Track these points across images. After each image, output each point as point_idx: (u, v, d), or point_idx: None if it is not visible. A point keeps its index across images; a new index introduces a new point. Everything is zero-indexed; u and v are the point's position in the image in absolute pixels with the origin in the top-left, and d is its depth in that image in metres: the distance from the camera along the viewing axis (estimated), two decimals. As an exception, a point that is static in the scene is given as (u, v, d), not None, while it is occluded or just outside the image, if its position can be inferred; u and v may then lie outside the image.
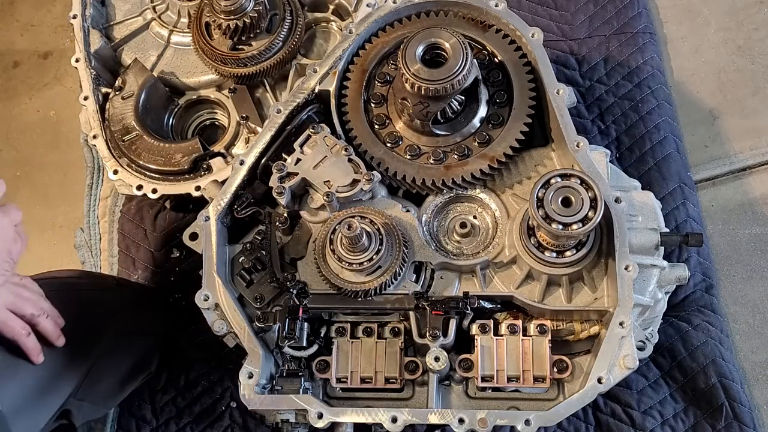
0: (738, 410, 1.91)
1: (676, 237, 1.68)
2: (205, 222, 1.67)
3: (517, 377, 1.60)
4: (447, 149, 1.70)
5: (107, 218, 2.33)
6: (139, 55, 2.10)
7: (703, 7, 2.43)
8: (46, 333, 1.51)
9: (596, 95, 2.28)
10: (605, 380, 1.51)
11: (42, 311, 1.50)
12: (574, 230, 1.48)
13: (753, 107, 2.29)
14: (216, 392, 2.11)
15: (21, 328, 1.45)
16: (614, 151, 2.20)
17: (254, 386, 1.56)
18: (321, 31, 2.12)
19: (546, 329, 1.62)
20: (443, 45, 1.59)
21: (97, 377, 1.72)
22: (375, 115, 1.75)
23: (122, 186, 2.02)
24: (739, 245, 2.15)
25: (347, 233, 1.52)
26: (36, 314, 1.48)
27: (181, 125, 2.16)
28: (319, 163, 1.69)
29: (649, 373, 1.99)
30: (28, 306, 1.48)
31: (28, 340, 1.46)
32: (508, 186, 1.73)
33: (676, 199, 2.13)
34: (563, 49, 2.35)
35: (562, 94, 1.67)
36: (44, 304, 1.53)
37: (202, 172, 1.98)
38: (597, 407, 1.97)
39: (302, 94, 1.75)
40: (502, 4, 1.76)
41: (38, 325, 1.49)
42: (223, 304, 1.62)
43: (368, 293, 1.59)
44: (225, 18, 1.89)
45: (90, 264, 2.32)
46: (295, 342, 1.59)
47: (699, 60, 2.37)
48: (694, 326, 2.00)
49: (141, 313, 1.88)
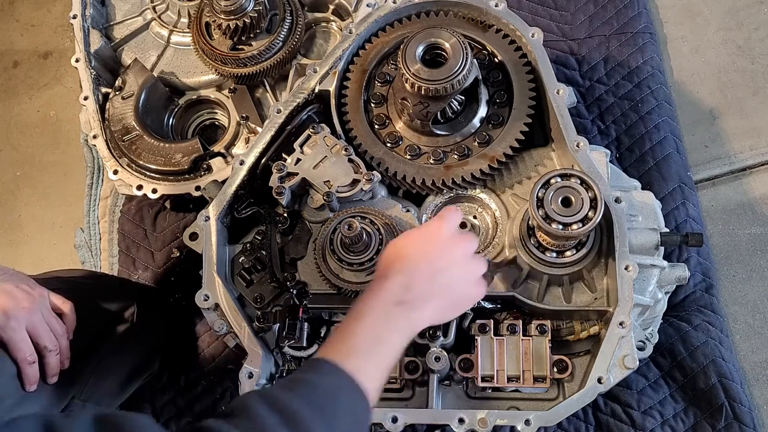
0: (738, 410, 1.91)
1: (676, 237, 1.68)
2: (205, 222, 1.67)
3: (517, 377, 1.60)
4: (447, 149, 1.71)
5: (107, 218, 2.33)
6: (139, 55, 2.10)
7: (703, 7, 2.43)
8: (46, 368, 1.50)
9: (596, 95, 2.28)
10: (605, 380, 1.51)
11: (56, 348, 1.49)
12: (574, 230, 1.48)
13: (753, 107, 2.29)
14: (216, 392, 2.11)
15: (28, 355, 1.44)
16: (614, 151, 2.20)
17: (254, 386, 1.56)
18: (321, 31, 2.12)
19: (546, 329, 1.62)
20: (443, 45, 1.59)
21: (100, 378, 1.72)
22: (375, 115, 1.75)
23: (122, 186, 2.02)
24: (739, 245, 2.15)
25: (347, 233, 1.52)
26: (50, 349, 1.48)
27: (181, 125, 2.16)
28: (319, 163, 1.69)
29: (649, 373, 1.99)
30: (46, 338, 1.47)
31: (30, 367, 1.45)
32: (508, 186, 1.73)
33: (676, 199, 2.13)
34: (563, 49, 2.35)
35: (562, 94, 1.67)
36: (63, 342, 1.52)
37: (202, 172, 1.98)
38: (597, 407, 1.97)
39: (302, 94, 1.75)
40: (502, 4, 1.76)
41: (45, 358, 1.48)
42: (223, 304, 1.62)
43: (368, 293, 1.59)
44: (225, 18, 1.89)
45: (90, 264, 2.32)
46: (295, 342, 1.58)
47: (699, 60, 2.37)
48: (694, 326, 2.00)
49: (144, 314, 1.88)
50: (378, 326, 1.29)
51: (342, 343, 1.27)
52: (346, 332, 1.29)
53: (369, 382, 1.23)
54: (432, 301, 1.35)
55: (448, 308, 1.41)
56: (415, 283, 1.34)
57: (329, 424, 1.13)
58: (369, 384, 1.23)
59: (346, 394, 1.20)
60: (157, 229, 2.27)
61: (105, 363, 1.74)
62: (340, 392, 1.19)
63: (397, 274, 1.34)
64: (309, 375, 1.20)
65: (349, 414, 1.18)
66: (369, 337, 1.28)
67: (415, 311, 1.33)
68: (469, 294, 1.44)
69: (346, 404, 1.19)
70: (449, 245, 1.41)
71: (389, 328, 1.30)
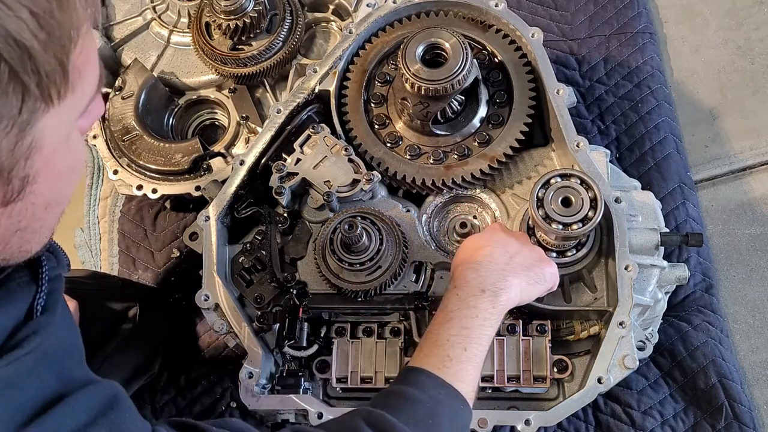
0: (738, 410, 1.91)
1: (676, 237, 1.68)
2: (205, 222, 1.67)
3: (517, 377, 1.60)
4: (447, 149, 1.71)
5: (107, 218, 2.33)
6: (139, 55, 2.10)
7: (703, 7, 2.43)
8: None
9: (596, 95, 2.28)
10: (605, 380, 1.51)
11: None
12: (574, 230, 1.48)
13: (753, 107, 2.29)
14: (216, 392, 2.11)
15: None
16: (614, 151, 2.20)
17: (254, 386, 1.56)
18: (321, 31, 2.12)
19: (546, 329, 1.62)
20: (443, 45, 1.59)
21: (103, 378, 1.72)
22: (375, 115, 1.75)
23: (122, 186, 2.02)
24: (739, 245, 2.15)
25: (347, 233, 1.52)
26: None
27: (181, 125, 2.16)
28: (319, 163, 1.69)
29: (649, 373, 1.99)
30: None
31: None
32: (508, 186, 1.73)
33: (676, 199, 2.13)
34: (563, 49, 2.35)
35: (562, 94, 1.67)
36: None
37: (202, 172, 1.98)
38: (597, 407, 1.97)
39: (302, 94, 1.75)
40: (502, 4, 1.76)
41: None
42: (223, 304, 1.62)
43: (368, 293, 1.59)
44: (225, 18, 1.89)
45: (90, 264, 2.32)
46: (295, 342, 1.58)
47: (699, 60, 2.36)
48: (694, 326, 2.00)
49: (145, 314, 1.88)
50: (468, 325, 1.31)
51: (436, 349, 1.29)
52: (438, 337, 1.30)
53: (468, 385, 1.26)
54: (514, 278, 1.38)
55: (531, 284, 1.42)
56: (493, 269, 1.37)
57: None
58: (468, 387, 1.26)
59: (447, 405, 1.23)
60: (157, 229, 2.27)
61: (108, 363, 1.74)
62: (441, 405, 1.22)
63: (473, 269, 1.38)
64: (409, 390, 1.22)
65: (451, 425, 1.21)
66: (461, 339, 1.30)
67: (500, 295, 1.35)
68: (549, 269, 1.47)
69: (448, 416, 1.21)
70: (512, 234, 1.49)
71: (478, 323, 1.32)
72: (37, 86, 0.76)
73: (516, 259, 1.41)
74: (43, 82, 0.76)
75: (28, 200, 0.85)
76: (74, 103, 0.84)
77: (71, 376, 0.96)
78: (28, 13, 0.73)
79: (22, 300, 0.94)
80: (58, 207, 0.94)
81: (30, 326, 0.91)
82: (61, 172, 0.88)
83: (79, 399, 0.92)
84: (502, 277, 1.37)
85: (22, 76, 0.74)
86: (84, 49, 0.82)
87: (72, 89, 0.81)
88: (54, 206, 0.92)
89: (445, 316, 1.34)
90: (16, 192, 0.82)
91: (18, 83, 0.74)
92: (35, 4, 0.73)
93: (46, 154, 0.82)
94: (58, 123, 0.82)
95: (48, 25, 0.75)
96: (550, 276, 1.47)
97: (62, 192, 0.92)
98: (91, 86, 0.87)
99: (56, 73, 0.78)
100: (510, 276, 1.38)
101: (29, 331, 0.91)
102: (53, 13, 0.75)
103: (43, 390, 0.90)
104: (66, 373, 0.96)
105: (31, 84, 0.75)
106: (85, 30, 0.81)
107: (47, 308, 0.96)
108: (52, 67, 0.77)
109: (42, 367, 0.91)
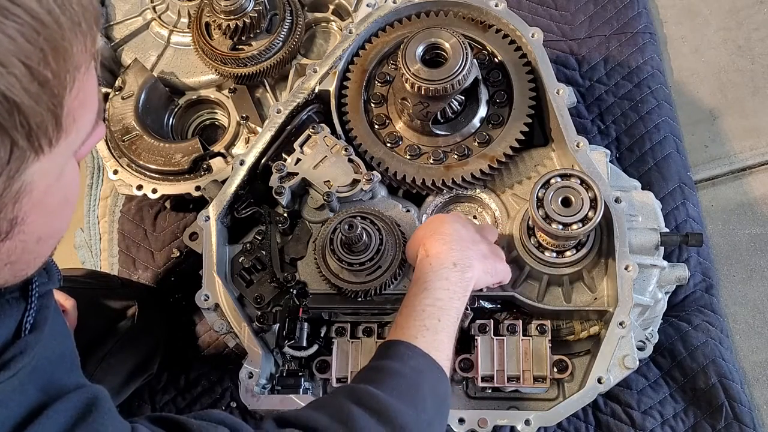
0: (738, 410, 1.91)
1: (676, 237, 1.68)
2: (205, 222, 1.67)
3: (517, 377, 1.60)
4: (447, 149, 1.70)
5: (107, 218, 2.33)
6: (139, 55, 2.09)
7: (703, 7, 2.43)
8: None
9: (596, 95, 2.28)
10: (605, 380, 1.51)
11: None
12: (574, 230, 1.48)
13: (753, 107, 2.29)
14: (216, 392, 2.11)
15: None
16: (614, 151, 2.20)
17: (254, 386, 1.56)
18: (321, 31, 2.12)
19: (546, 329, 1.62)
20: (443, 45, 1.59)
21: (101, 378, 1.72)
22: (375, 115, 1.75)
23: (122, 186, 2.02)
24: (739, 245, 2.15)
25: (347, 233, 1.52)
26: None
27: (181, 125, 2.16)
28: (319, 163, 1.69)
29: (649, 373, 1.99)
30: None
31: None
32: (508, 186, 1.73)
33: (676, 199, 2.13)
34: (563, 49, 2.35)
35: (562, 94, 1.67)
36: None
37: (202, 172, 1.98)
38: (597, 407, 1.97)
39: (302, 94, 1.75)
40: (502, 4, 1.76)
41: None
42: (223, 304, 1.62)
43: (368, 293, 1.59)
44: (225, 18, 1.89)
45: (90, 264, 2.32)
46: (295, 342, 1.59)
47: (699, 60, 2.37)
48: (694, 326, 2.00)
49: (145, 314, 1.88)
50: (440, 297, 1.35)
51: (413, 320, 1.32)
52: (413, 310, 1.34)
53: (442, 353, 1.29)
54: (476, 262, 1.42)
55: (486, 273, 1.46)
56: (461, 245, 1.42)
57: (417, 411, 1.18)
58: (443, 356, 1.29)
59: (427, 375, 1.25)
60: (157, 229, 2.27)
61: (106, 362, 1.74)
62: (422, 375, 1.24)
63: (439, 244, 1.41)
64: (389, 363, 1.24)
65: (433, 394, 1.23)
66: (435, 310, 1.33)
67: (468, 271, 1.39)
68: (501, 265, 1.51)
69: (428, 386, 1.23)
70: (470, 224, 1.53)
71: (449, 295, 1.36)
72: (26, 139, 0.73)
73: (478, 246, 1.46)
74: (33, 135, 0.73)
75: (18, 238, 0.82)
76: (67, 146, 0.81)
77: (59, 385, 0.95)
78: (22, 66, 0.69)
79: (10, 317, 0.92)
80: (52, 240, 0.91)
81: (18, 346, 0.89)
82: (52, 208, 0.85)
83: (58, 409, 0.90)
84: (468, 255, 1.41)
85: (10, 131, 0.71)
86: (81, 90, 0.78)
87: (65, 134, 0.78)
88: (47, 239, 0.89)
89: (419, 286, 1.37)
90: (4, 233, 0.79)
91: (6, 137, 0.71)
92: (29, 57, 0.70)
93: (36, 196, 0.79)
94: (49, 166, 0.79)
95: (41, 75, 0.72)
96: (501, 272, 1.52)
97: (55, 226, 0.89)
98: (86, 125, 0.83)
99: (47, 123, 0.74)
100: (473, 258, 1.42)
101: (16, 351, 0.89)
102: (48, 63, 0.72)
103: (26, 403, 0.89)
104: (54, 383, 0.94)
105: (20, 138, 0.72)
106: (84, 70, 0.78)
107: (36, 326, 0.94)
108: (43, 119, 0.74)
109: (27, 384, 0.90)
